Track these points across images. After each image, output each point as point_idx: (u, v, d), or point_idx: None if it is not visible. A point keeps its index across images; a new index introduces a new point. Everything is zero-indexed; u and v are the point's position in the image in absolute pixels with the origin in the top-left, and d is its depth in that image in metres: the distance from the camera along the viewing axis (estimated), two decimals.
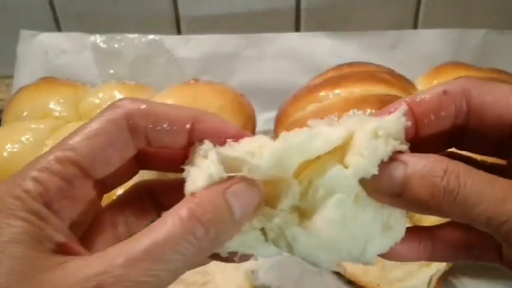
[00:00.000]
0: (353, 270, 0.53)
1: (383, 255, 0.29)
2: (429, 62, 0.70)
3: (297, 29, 0.87)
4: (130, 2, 0.85)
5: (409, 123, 0.28)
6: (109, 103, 0.59)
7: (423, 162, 0.26)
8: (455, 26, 0.80)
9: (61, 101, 0.62)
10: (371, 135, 0.27)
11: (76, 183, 0.26)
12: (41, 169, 0.25)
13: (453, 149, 0.31)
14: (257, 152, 0.27)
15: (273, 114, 0.68)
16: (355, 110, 0.55)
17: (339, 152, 0.28)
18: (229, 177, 0.26)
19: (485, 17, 0.86)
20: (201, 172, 0.26)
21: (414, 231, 0.30)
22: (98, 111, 0.59)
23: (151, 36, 0.82)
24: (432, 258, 0.30)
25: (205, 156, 0.27)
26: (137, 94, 0.63)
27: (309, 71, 0.76)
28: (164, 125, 0.28)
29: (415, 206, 0.27)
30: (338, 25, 0.86)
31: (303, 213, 0.28)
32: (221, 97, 0.62)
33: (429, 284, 0.52)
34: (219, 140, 0.28)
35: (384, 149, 0.27)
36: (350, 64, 0.67)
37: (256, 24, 0.86)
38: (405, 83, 0.62)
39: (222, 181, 0.26)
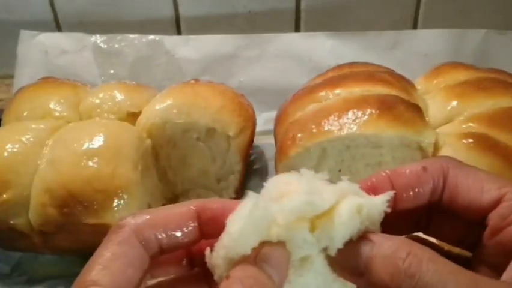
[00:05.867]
0: None
1: None
2: (429, 62, 0.71)
3: (297, 29, 0.88)
4: (131, 2, 0.85)
5: (389, 210, 0.28)
6: (109, 103, 0.61)
7: (388, 243, 0.26)
8: (454, 26, 0.80)
9: (61, 101, 0.62)
10: (354, 210, 0.27)
11: None
12: None
13: (420, 234, 0.31)
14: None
15: (273, 114, 0.68)
16: (355, 111, 0.55)
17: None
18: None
19: (484, 17, 0.86)
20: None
21: None
22: (99, 111, 0.60)
23: (151, 37, 0.82)
24: None
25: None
26: (137, 94, 0.64)
27: (309, 71, 0.77)
28: (175, 232, 0.28)
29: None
30: (338, 25, 0.86)
31: None
32: (221, 97, 0.63)
33: None
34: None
35: (357, 228, 0.27)
36: (350, 64, 0.67)
37: (256, 24, 0.87)
38: (405, 83, 0.62)
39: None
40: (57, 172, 0.51)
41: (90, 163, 0.51)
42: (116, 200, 0.50)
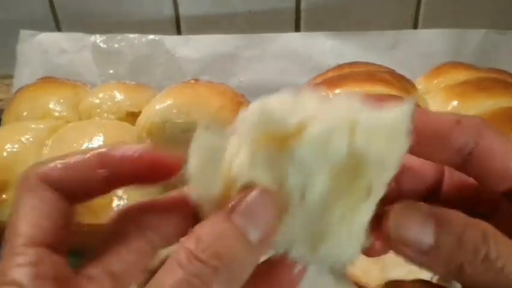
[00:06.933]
0: (352, 270, 0.53)
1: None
2: (429, 62, 0.70)
3: (297, 29, 0.87)
4: (130, 2, 0.85)
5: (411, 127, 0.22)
6: (109, 103, 0.61)
7: (459, 222, 0.23)
8: (455, 26, 0.80)
9: (61, 101, 0.62)
10: (343, 128, 0.21)
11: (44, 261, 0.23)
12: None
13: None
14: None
15: None
16: None
17: None
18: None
19: (485, 17, 0.86)
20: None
21: None
22: (98, 111, 0.60)
23: (151, 36, 0.82)
24: None
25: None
26: (137, 94, 0.63)
27: (309, 71, 0.76)
28: (86, 173, 0.25)
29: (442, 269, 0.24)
30: (338, 25, 0.86)
31: None
32: (221, 97, 0.62)
33: None
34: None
35: (343, 152, 0.20)
36: (350, 64, 0.67)
37: (256, 24, 0.86)
38: (405, 83, 0.62)
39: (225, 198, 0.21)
40: None
41: None
42: (115, 200, 0.50)
